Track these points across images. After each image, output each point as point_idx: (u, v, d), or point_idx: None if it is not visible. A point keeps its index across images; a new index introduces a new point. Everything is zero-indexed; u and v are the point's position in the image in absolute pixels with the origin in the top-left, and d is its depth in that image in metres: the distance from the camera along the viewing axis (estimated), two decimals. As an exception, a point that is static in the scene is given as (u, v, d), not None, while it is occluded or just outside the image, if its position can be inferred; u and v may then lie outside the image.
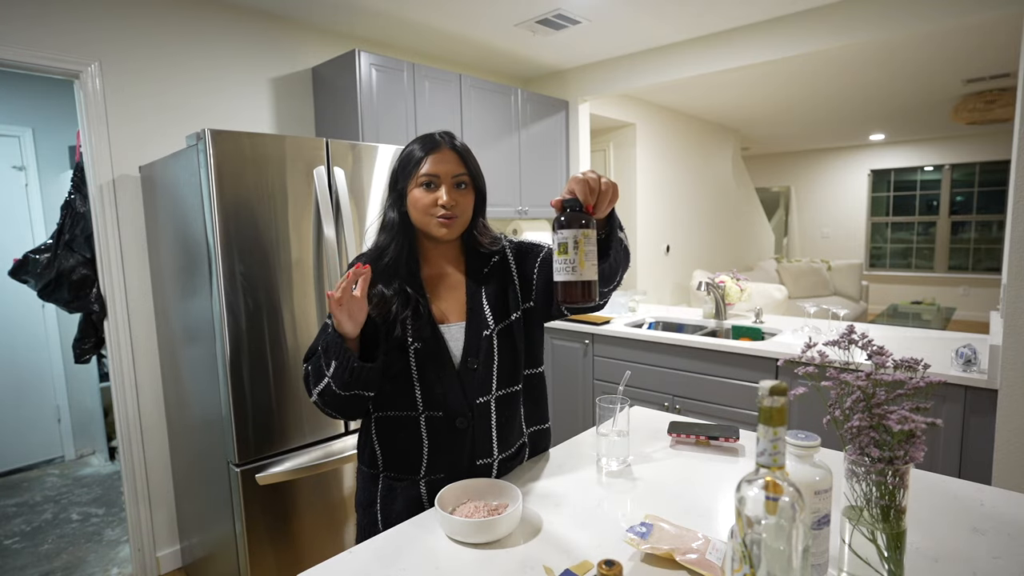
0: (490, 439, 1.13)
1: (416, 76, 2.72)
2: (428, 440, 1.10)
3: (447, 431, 1.10)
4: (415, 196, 1.08)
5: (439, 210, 1.06)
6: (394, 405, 1.11)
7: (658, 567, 0.84)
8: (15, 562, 2.49)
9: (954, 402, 1.92)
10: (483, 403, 1.12)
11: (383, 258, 1.10)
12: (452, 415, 1.10)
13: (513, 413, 1.18)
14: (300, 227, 1.94)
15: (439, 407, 1.09)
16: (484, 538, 0.92)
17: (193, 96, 2.41)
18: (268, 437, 1.88)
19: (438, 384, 1.09)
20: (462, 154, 1.10)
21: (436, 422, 1.10)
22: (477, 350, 1.11)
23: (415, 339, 1.08)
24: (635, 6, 2.63)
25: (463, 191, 1.09)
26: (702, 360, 2.54)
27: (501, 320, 1.15)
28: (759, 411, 0.63)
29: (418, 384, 1.09)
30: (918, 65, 3.96)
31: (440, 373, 1.09)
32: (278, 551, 1.91)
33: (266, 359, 1.86)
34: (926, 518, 0.96)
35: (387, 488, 1.12)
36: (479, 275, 1.16)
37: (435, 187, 1.07)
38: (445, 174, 1.07)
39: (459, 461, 1.10)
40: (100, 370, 3.49)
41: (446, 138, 1.10)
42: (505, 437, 1.16)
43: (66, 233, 2.25)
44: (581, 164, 3.68)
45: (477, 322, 1.12)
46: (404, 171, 1.10)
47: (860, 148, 7.99)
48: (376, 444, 1.13)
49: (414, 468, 1.10)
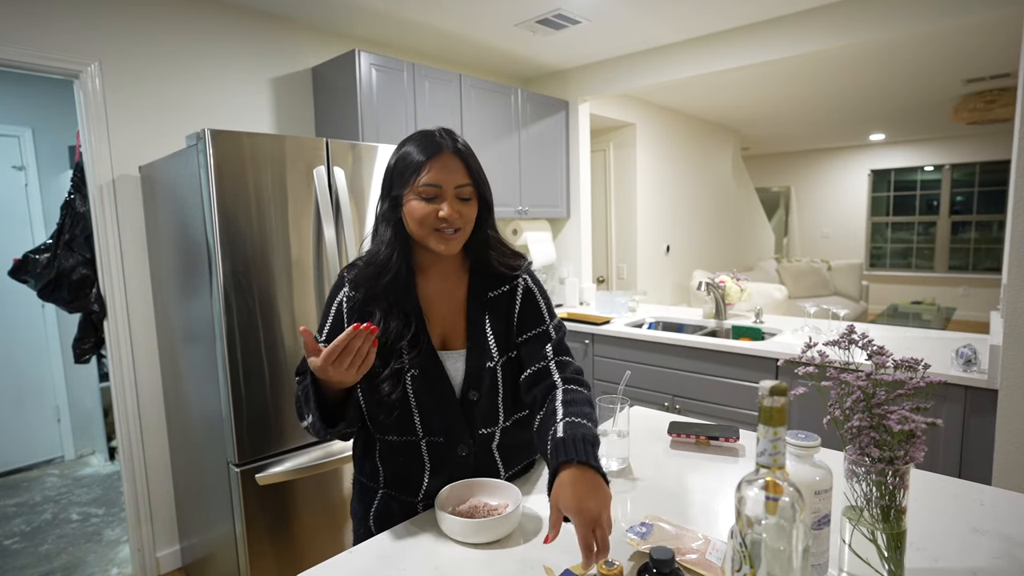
0: (494, 461, 1.09)
1: (416, 76, 2.72)
2: (430, 463, 1.06)
3: (449, 456, 1.05)
4: (413, 207, 0.96)
5: (440, 223, 0.95)
6: (393, 430, 1.05)
7: (658, 567, 0.84)
8: (15, 562, 2.49)
9: (954, 402, 1.92)
10: (488, 433, 1.07)
11: (382, 277, 0.99)
12: (453, 443, 1.05)
13: (521, 434, 1.13)
14: (300, 227, 1.94)
15: (439, 434, 1.04)
16: (484, 538, 0.92)
17: (193, 96, 2.41)
18: (268, 437, 1.88)
19: (437, 414, 1.03)
20: (465, 159, 0.98)
21: (438, 447, 1.05)
22: (479, 382, 1.03)
23: (412, 366, 1.00)
24: (635, 6, 2.63)
25: (467, 203, 0.98)
26: (702, 360, 2.54)
27: (506, 352, 1.06)
28: (759, 411, 0.63)
29: (416, 412, 1.03)
30: (918, 65, 3.95)
31: (439, 403, 1.03)
32: (278, 551, 1.91)
33: (266, 359, 1.86)
34: (926, 518, 0.96)
35: (384, 505, 1.10)
36: (483, 298, 1.06)
37: (437, 198, 0.95)
38: (448, 184, 0.95)
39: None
40: (100, 370, 3.49)
41: (447, 139, 0.98)
42: (510, 458, 1.12)
43: (66, 233, 2.25)
44: (581, 164, 3.68)
45: (479, 352, 1.04)
46: (401, 177, 0.98)
47: (860, 148, 7.99)
48: (379, 462, 1.09)
49: (415, 490, 1.07)
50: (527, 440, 1.14)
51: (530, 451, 1.18)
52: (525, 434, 1.13)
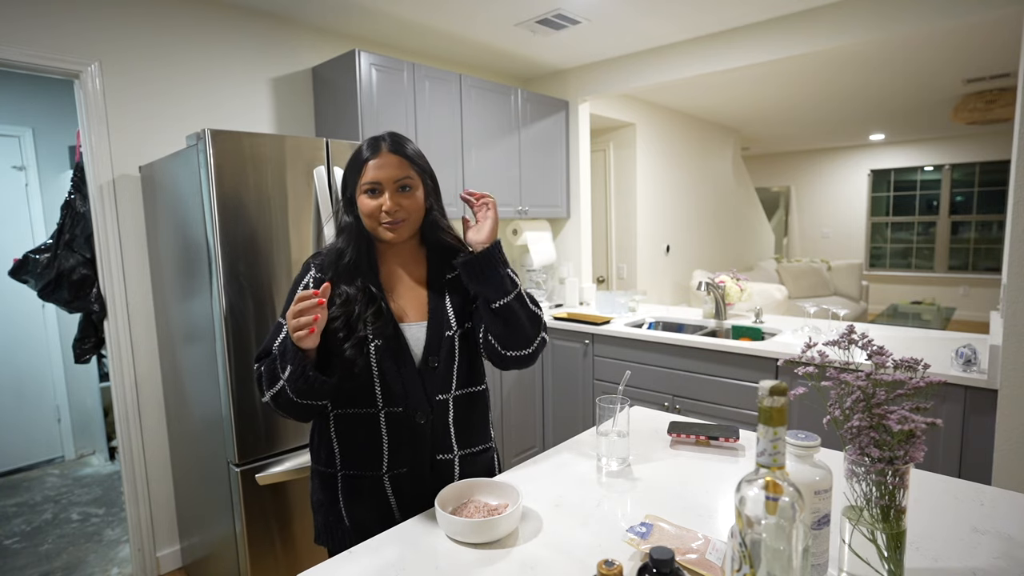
0: (449, 435, 1.15)
1: (416, 76, 2.72)
2: (388, 436, 1.11)
3: (407, 427, 1.11)
4: (362, 202, 1.09)
5: (384, 216, 1.08)
6: (353, 403, 1.11)
7: (658, 567, 0.84)
8: (15, 562, 2.49)
9: (954, 402, 1.92)
10: (442, 400, 1.14)
11: (342, 259, 1.11)
12: (412, 411, 1.11)
13: (473, 411, 1.19)
14: (300, 227, 1.94)
15: (399, 403, 1.10)
16: (484, 538, 0.92)
17: (193, 96, 2.41)
18: (268, 437, 1.88)
19: (398, 381, 1.10)
20: (404, 153, 1.10)
21: (396, 417, 1.10)
22: (439, 349, 1.13)
23: (376, 336, 1.08)
24: (635, 6, 2.63)
25: (407, 193, 1.09)
26: (702, 360, 2.54)
27: (462, 324, 1.17)
28: (759, 411, 0.63)
29: (378, 381, 1.09)
30: (918, 65, 3.95)
31: (400, 370, 1.10)
32: (278, 551, 1.91)
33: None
34: (926, 518, 0.96)
35: (348, 486, 1.12)
36: (441, 277, 1.18)
37: (379, 193, 1.08)
38: (387, 179, 1.07)
39: (420, 456, 1.11)
40: (100, 370, 3.49)
41: (387, 141, 1.10)
42: (465, 434, 1.17)
43: (66, 233, 2.25)
44: (581, 164, 3.68)
45: (439, 322, 1.14)
46: (351, 176, 1.11)
47: (860, 148, 7.99)
48: (335, 442, 1.13)
49: (375, 464, 1.11)
50: (480, 420, 1.21)
51: (484, 435, 1.22)
52: (477, 412, 1.21)
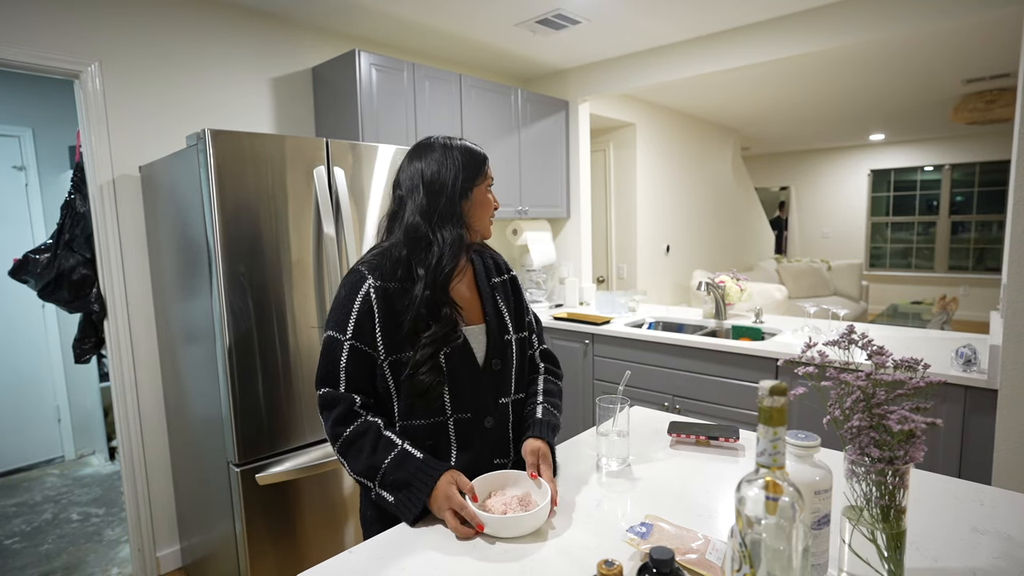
0: (507, 439, 1.17)
1: (416, 76, 2.72)
2: (457, 444, 1.11)
3: (474, 431, 1.12)
4: (484, 197, 1.12)
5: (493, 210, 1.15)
6: (422, 414, 1.09)
7: (658, 567, 0.84)
8: (15, 562, 2.49)
9: (954, 402, 1.92)
10: (504, 403, 1.16)
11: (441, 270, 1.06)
12: (480, 415, 1.12)
13: (519, 417, 1.21)
14: (300, 227, 1.94)
15: (467, 409, 1.11)
16: (526, 531, 0.95)
17: (193, 96, 2.41)
18: (268, 437, 1.88)
19: (467, 386, 1.10)
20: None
21: (464, 424, 1.11)
22: (502, 352, 1.15)
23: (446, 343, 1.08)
24: (635, 6, 2.63)
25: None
26: (702, 360, 2.54)
27: (519, 331, 1.21)
28: (759, 411, 0.63)
29: (448, 387, 1.09)
30: (918, 65, 3.95)
31: (469, 375, 1.11)
32: (278, 551, 1.91)
33: (266, 359, 1.86)
34: (926, 518, 0.96)
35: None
36: (490, 281, 1.20)
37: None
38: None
39: (480, 461, 1.12)
40: (100, 370, 3.49)
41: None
42: (517, 436, 1.19)
43: (66, 233, 2.25)
44: (581, 164, 3.68)
45: (498, 325, 1.16)
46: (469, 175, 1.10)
47: (860, 148, 7.99)
48: None
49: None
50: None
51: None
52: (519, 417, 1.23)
